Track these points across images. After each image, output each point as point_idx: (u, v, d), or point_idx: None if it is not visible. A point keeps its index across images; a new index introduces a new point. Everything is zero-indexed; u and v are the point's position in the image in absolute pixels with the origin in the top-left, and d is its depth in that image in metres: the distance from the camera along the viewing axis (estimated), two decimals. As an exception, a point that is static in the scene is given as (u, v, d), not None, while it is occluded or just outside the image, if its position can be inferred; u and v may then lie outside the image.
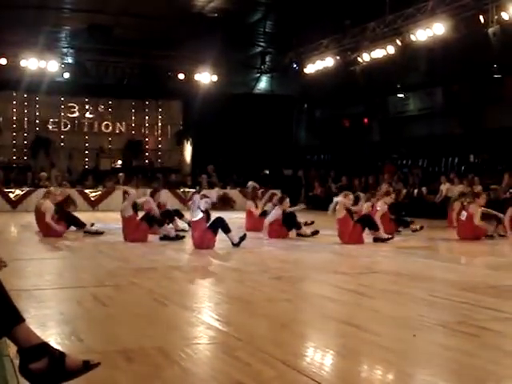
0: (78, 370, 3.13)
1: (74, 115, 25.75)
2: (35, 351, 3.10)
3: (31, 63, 21.19)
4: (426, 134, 21.78)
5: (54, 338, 4.13)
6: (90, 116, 25.96)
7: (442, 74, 19.56)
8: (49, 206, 11.84)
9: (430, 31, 16.59)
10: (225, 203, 22.25)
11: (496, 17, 15.05)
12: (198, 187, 22.14)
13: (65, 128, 25.62)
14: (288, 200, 11.82)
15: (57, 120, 25.52)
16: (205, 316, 5.09)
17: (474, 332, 4.41)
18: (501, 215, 11.53)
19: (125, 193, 11.98)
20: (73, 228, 12.43)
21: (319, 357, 3.97)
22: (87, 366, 3.16)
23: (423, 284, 6.64)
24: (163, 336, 4.35)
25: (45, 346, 3.15)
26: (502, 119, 19.93)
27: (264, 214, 12.54)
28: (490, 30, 15.14)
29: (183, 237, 11.00)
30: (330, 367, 3.76)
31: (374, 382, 3.47)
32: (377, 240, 10.67)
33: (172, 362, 3.73)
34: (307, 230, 11.68)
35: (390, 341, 4.20)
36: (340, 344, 4.20)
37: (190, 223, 11.03)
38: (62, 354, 3.15)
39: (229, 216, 13.85)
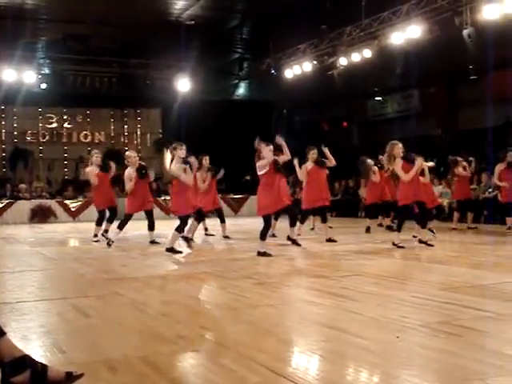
0: (61, 381, 3.12)
1: (53, 126, 25.61)
2: (17, 364, 3.08)
3: (8, 75, 21.04)
4: (404, 136, 21.90)
5: (36, 351, 4.09)
6: (69, 126, 25.84)
7: (418, 77, 19.71)
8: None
9: (406, 34, 16.72)
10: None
11: (470, 19, 15.21)
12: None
13: (43, 139, 25.47)
14: None
15: (35, 131, 25.37)
16: (189, 324, 5.08)
17: (457, 332, 4.44)
18: None
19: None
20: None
21: (304, 361, 3.97)
22: (70, 378, 3.15)
23: (405, 285, 6.68)
24: (147, 345, 4.33)
25: (27, 359, 3.14)
26: (478, 120, 20.13)
27: None
28: (465, 32, 15.29)
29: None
30: (316, 371, 3.75)
31: (358, 384, 3.48)
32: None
33: (156, 371, 3.71)
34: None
35: (373, 343, 4.21)
36: (324, 348, 4.20)
37: None
38: (44, 367, 3.14)
39: (211, 223, 13.89)
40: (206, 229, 13.83)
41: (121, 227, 11.98)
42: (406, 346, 4.15)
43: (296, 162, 11.89)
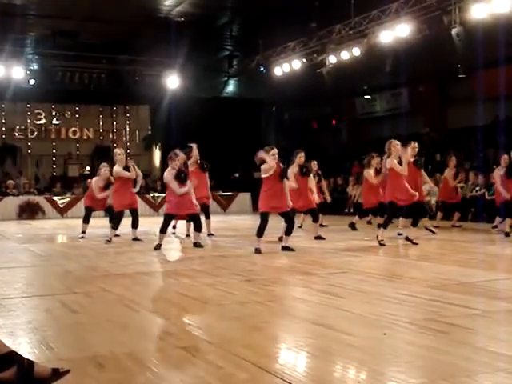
0: (47, 378, 3.11)
1: (41, 122, 25.52)
2: (3, 360, 3.07)
3: (-4, 71, 20.95)
4: (393, 135, 21.99)
5: (24, 347, 4.09)
6: (57, 122, 25.75)
7: (407, 75, 19.78)
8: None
9: (395, 33, 16.77)
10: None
11: (459, 18, 15.28)
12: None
13: (32, 135, 25.38)
14: None
15: (23, 127, 25.28)
16: (176, 320, 5.08)
17: (443, 329, 4.46)
18: None
19: None
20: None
21: (292, 358, 3.98)
22: (56, 374, 3.14)
23: (392, 282, 6.71)
24: (134, 342, 4.33)
25: (13, 355, 3.13)
26: (467, 118, 20.23)
27: None
28: (454, 31, 15.36)
29: None
30: (303, 368, 3.77)
31: (346, 381, 3.49)
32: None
33: (143, 367, 3.71)
34: None
35: (360, 340, 4.23)
36: (312, 344, 4.21)
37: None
38: (30, 363, 3.13)
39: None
40: (174, 226, 13.18)
41: (116, 227, 11.84)
42: (393, 343, 4.17)
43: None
